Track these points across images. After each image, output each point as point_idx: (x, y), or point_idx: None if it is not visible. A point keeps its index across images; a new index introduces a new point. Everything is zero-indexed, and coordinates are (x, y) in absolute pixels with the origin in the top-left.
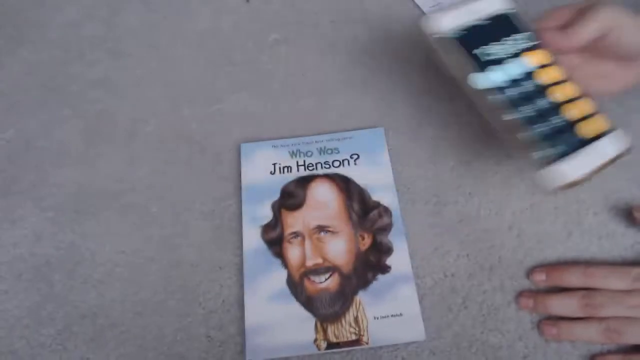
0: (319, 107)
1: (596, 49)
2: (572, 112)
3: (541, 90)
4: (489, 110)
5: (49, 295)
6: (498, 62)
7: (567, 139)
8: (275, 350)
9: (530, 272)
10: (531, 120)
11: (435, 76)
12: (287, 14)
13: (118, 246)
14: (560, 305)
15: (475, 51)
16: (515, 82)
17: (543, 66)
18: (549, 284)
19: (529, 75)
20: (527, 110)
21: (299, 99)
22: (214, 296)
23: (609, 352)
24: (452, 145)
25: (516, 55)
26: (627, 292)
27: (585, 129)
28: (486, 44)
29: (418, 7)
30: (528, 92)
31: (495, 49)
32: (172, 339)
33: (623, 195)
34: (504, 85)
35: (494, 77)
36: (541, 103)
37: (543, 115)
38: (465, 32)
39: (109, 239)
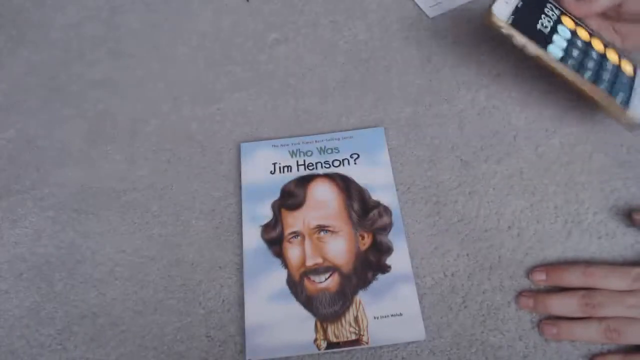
0: (319, 107)
1: (613, 14)
2: (613, 57)
3: (589, 45)
4: (567, 76)
5: (49, 295)
6: (555, 30)
7: (622, 79)
8: (275, 350)
9: (530, 271)
10: (598, 74)
11: (436, 75)
12: (287, 14)
13: (118, 245)
14: (560, 305)
15: (538, 27)
16: (571, 44)
17: (576, 27)
18: (549, 283)
19: (575, 36)
20: (590, 65)
21: (299, 99)
22: (214, 296)
23: (609, 352)
24: (452, 145)
25: (558, 22)
26: (627, 292)
27: (626, 68)
28: (539, 18)
29: (418, 7)
30: (582, 49)
31: (546, 21)
32: (172, 338)
33: (623, 195)
34: (568, 48)
35: (560, 43)
36: (593, 55)
37: (601, 65)
38: (518, 15)
39: (110, 238)
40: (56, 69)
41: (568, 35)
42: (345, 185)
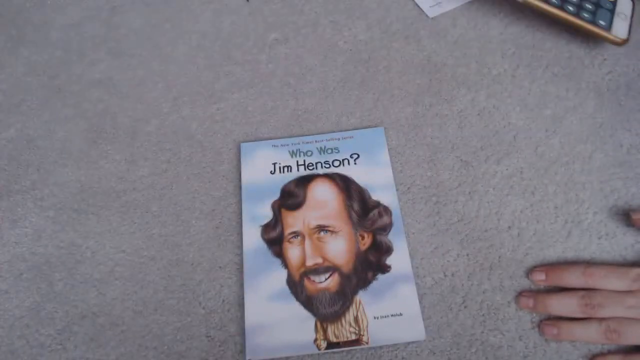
0: (319, 107)
1: None
2: None
3: None
4: (551, 12)
5: (49, 295)
6: None
7: (604, 5)
8: (275, 350)
9: (529, 271)
10: (580, 6)
11: (436, 75)
12: (287, 14)
13: (118, 245)
14: (560, 305)
15: None
16: None
17: None
18: (549, 283)
19: None
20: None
21: (299, 99)
22: (214, 296)
23: (609, 352)
24: (452, 145)
25: None
26: (627, 292)
27: None
28: None
29: (418, 7)
30: None
31: None
32: (172, 338)
33: (623, 195)
34: None
35: None
36: None
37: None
38: None
39: (110, 238)
40: (56, 69)
41: None
42: (345, 185)
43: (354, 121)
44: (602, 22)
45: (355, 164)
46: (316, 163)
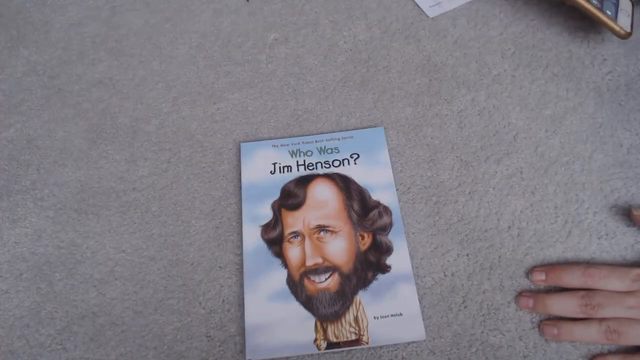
0: (319, 107)
1: None
2: None
3: None
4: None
5: (49, 295)
6: None
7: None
8: (275, 350)
9: (529, 271)
10: None
11: (436, 75)
12: (287, 14)
13: (118, 245)
14: (560, 305)
15: None
16: None
17: None
18: (549, 283)
19: None
20: None
21: (299, 99)
22: (214, 296)
23: (609, 353)
24: (452, 145)
25: None
26: (627, 292)
27: None
28: None
29: (418, 6)
30: None
31: None
32: (172, 338)
33: (623, 195)
34: None
35: None
36: None
37: None
38: None
39: (110, 238)
40: (56, 69)
41: None
42: (345, 185)
43: (354, 121)
44: (608, 12)
45: (355, 164)
46: (316, 163)
